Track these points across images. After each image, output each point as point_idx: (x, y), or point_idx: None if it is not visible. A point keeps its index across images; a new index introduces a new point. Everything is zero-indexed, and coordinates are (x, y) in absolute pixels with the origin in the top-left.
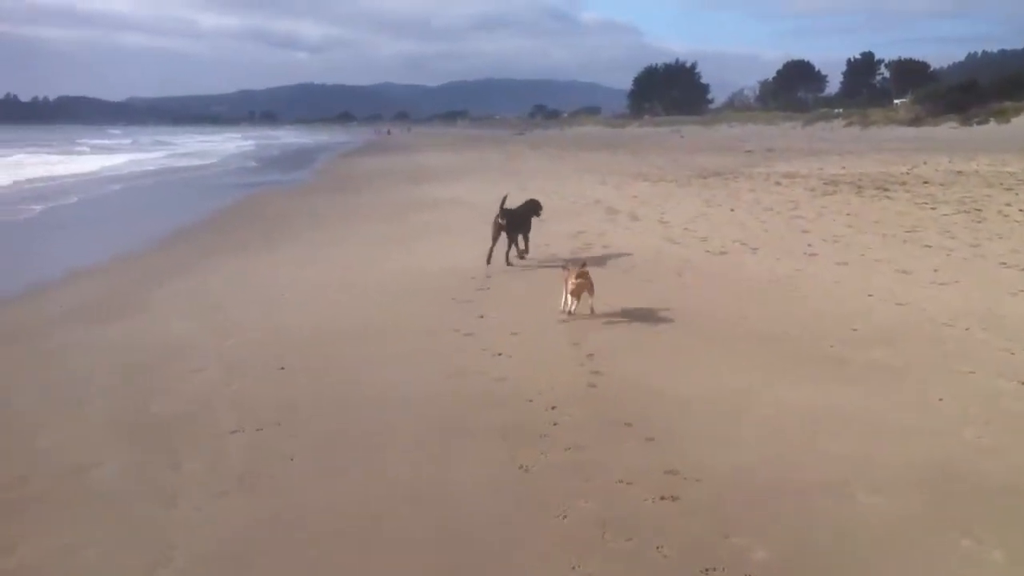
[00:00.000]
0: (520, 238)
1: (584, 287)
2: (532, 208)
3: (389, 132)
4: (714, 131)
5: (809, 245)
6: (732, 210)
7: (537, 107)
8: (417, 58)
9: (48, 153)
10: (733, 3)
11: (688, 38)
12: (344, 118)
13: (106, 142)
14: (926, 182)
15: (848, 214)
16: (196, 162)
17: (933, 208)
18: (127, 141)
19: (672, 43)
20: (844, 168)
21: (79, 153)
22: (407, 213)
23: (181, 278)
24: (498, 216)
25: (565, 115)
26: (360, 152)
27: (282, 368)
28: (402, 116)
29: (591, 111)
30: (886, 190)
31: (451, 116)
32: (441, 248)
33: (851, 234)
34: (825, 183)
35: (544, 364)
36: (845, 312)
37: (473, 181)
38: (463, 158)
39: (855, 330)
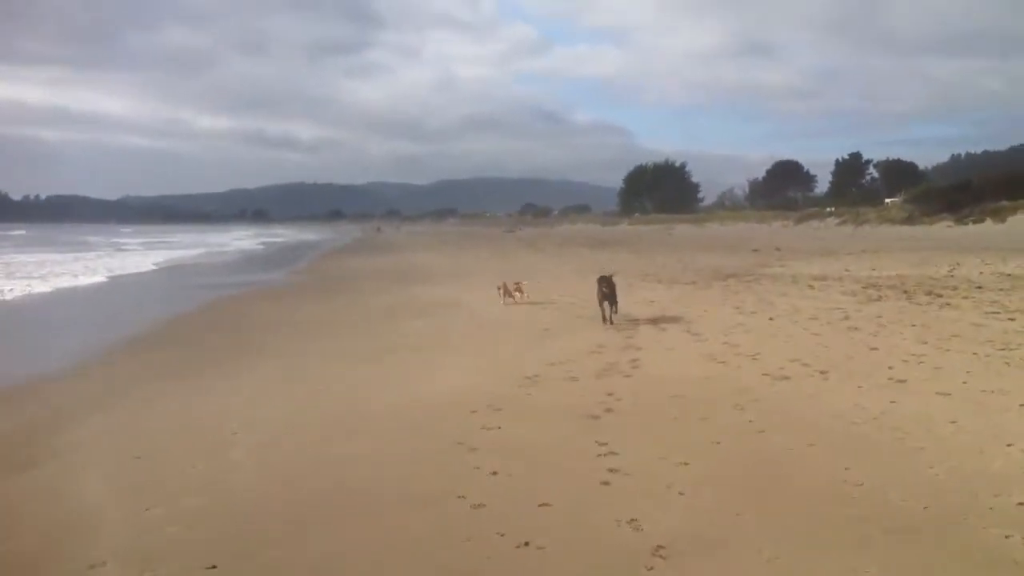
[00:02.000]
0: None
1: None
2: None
3: (379, 229)
4: (705, 230)
5: (890, 368)
6: (771, 319)
7: (527, 205)
8: (408, 157)
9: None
10: (719, 107)
11: (676, 140)
12: (335, 215)
13: (129, 240)
14: (979, 287)
15: (914, 325)
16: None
17: (1011, 319)
18: (141, 240)
19: (660, 144)
20: (875, 270)
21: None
22: (396, 319)
23: (111, 410)
24: (603, 285)
25: (555, 212)
26: (348, 251)
27: (213, 567)
28: (393, 213)
29: (581, 209)
30: (939, 295)
31: (441, 214)
32: (438, 366)
33: (933, 353)
34: (864, 287)
35: (596, 565)
36: (993, 473)
37: (469, 282)
38: (455, 257)
39: (1023, 505)
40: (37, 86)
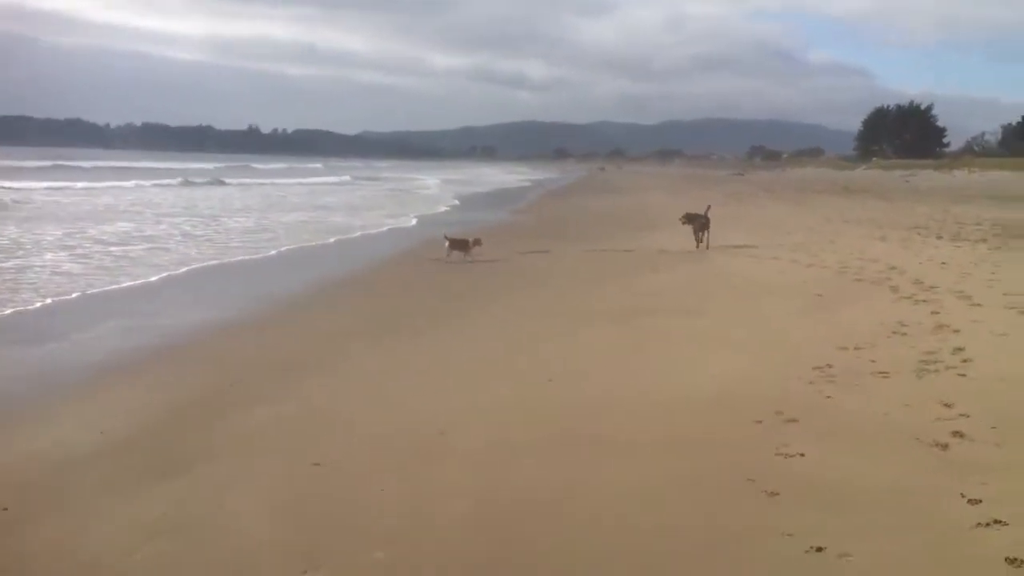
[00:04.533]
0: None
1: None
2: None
3: (603, 169)
4: (951, 177)
5: None
6: None
7: (756, 147)
8: (635, 97)
9: None
10: (971, 47)
11: (920, 81)
12: (560, 154)
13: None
14: None
15: None
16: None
17: None
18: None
19: (904, 86)
20: None
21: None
22: (629, 274)
23: (291, 386)
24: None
25: (785, 156)
26: (574, 190)
27: None
28: (617, 153)
29: (813, 152)
30: None
31: (666, 154)
32: (692, 342)
33: None
34: None
35: None
36: None
37: (713, 229)
38: (684, 201)
39: None
40: (287, 24)
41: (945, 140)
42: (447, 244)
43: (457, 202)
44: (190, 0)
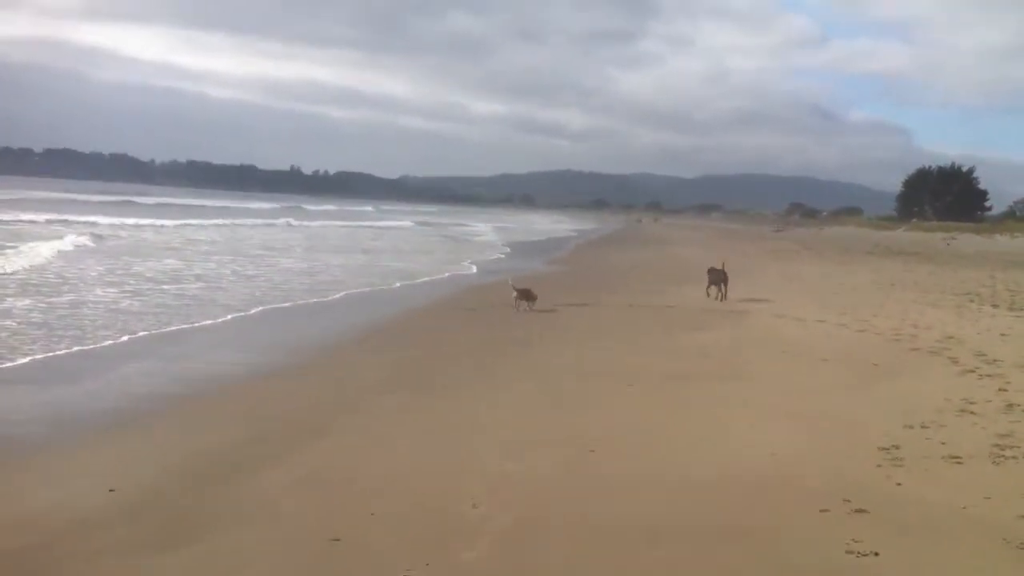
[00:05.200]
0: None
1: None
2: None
3: (640, 220)
4: (992, 242)
5: None
6: None
7: (795, 204)
8: (674, 149)
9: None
10: (1011, 109)
11: (960, 143)
12: (599, 204)
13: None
14: None
15: None
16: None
17: None
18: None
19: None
20: None
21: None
22: (672, 330)
23: (307, 445)
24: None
25: (824, 214)
26: (613, 241)
27: None
28: (655, 205)
29: (852, 211)
30: None
31: (705, 208)
32: (741, 408)
33: None
34: None
35: None
36: None
37: (750, 289)
38: (726, 256)
39: None
40: (330, 67)
41: (987, 203)
42: (515, 294)
43: (508, 249)
44: (235, 40)
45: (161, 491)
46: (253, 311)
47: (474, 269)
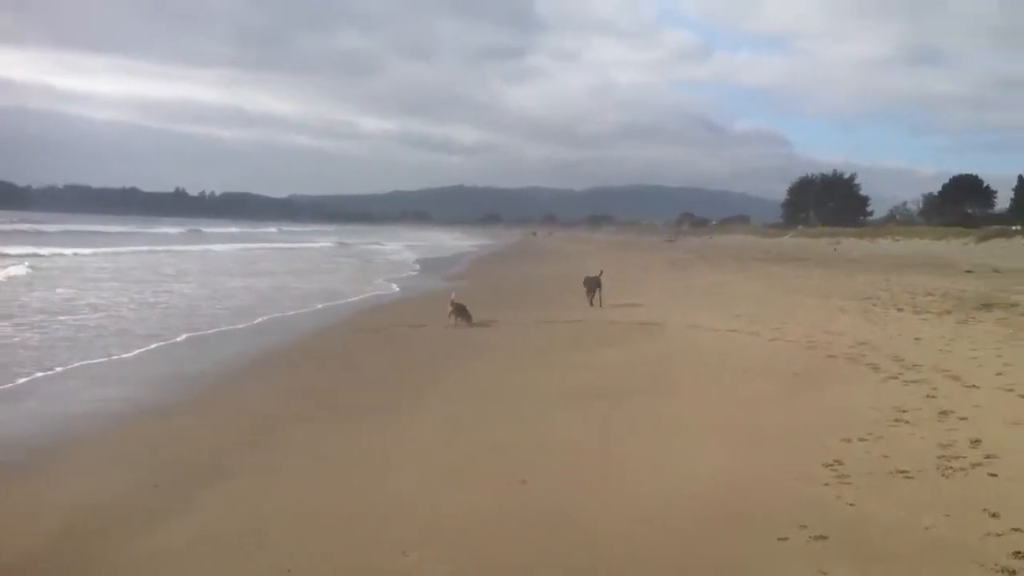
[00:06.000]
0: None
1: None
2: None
3: (535, 234)
4: (876, 245)
5: None
6: None
7: (685, 214)
8: (564, 163)
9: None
10: (886, 118)
11: (840, 151)
12: (491, 219)
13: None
14: None
15: None
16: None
17: None
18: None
19: (824, 155)
20: None
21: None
22: (582, 346)
23: (214, 486)
24: (590, 283)
25: (714, 223)
26: (510, 256)
27: None
28: (549, 219)
29: (741, 219)
30: None
31: (597, 220)
32: (669, 427)
33: None
34: None
35: None
36: None
37: (652, 299)
38: (623, 269)
39: None
40: (212, 86)
41: (868, 208)
42: (450, 310)
43: (418, 267)
44: (111, 61)
45: (36, 556)
46: (173, 340)
47: (395, 288)
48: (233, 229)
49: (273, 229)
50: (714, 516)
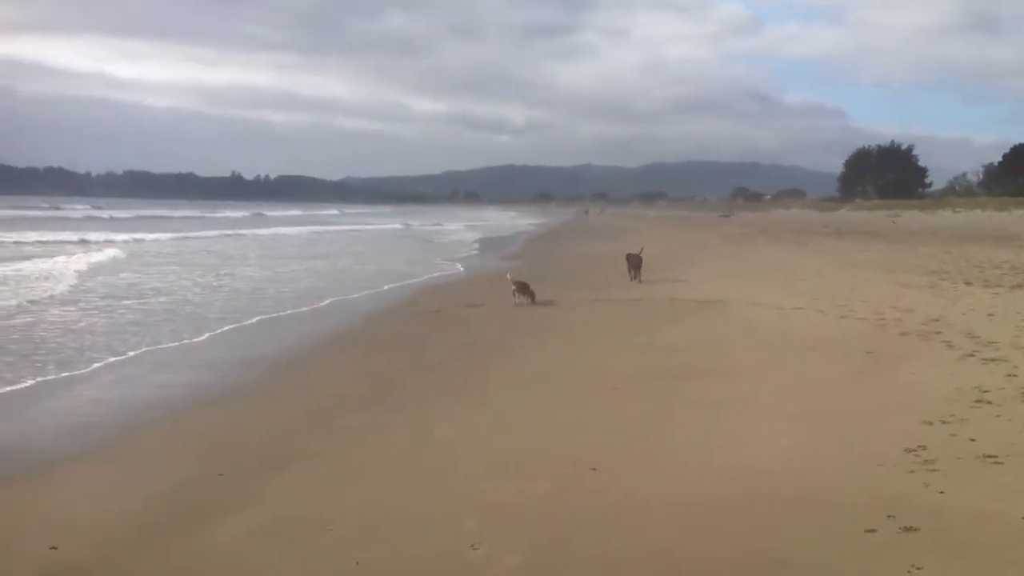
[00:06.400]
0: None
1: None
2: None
3: (587, 212)
4: (936, 217)
5: None
6: None
7: (739, 189)
8: (616, 140)
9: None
10: (944, 87)
11: (896, 121)
12: (543, 198)
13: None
14: None
15: None
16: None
17: None
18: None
19: (879, 126)
20: None
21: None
22: (647, 326)
23: (279, 489)
24: (632, 259)
25: (768, 197)
26: (564, 234)
27: None
28: (600, 196)
29: (796, 193)
30: None
31: (650, 196)
32: (734, 407)
33: None
34: None
35: None
36: None
37: (714, 276)
38: (680, 245)
39: None
40: (265, 70)
41: (927, 180)
42: (513, 288)
43: (477, 247)
44: (167, 47)
45: (104, 548)
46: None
47: (459, 267)
48: (295, 212)
49: (335, 211)
50: (789, 504)
